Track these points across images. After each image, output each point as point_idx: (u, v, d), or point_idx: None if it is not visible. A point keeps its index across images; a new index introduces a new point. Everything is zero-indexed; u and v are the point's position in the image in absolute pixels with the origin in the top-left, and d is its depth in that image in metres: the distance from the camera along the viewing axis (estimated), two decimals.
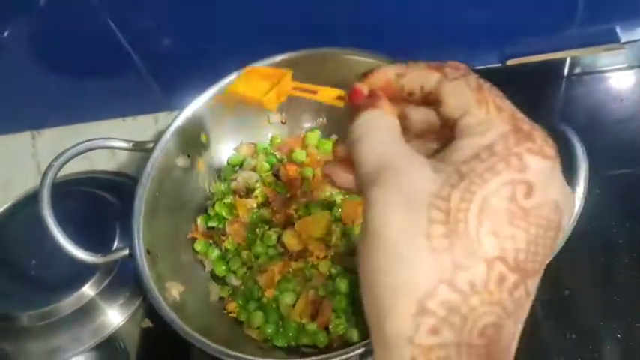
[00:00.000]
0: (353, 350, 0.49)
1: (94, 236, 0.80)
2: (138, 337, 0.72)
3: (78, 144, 0.63)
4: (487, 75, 0.29)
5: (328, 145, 0.71)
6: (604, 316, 0.62)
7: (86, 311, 0.76)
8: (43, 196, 0.59)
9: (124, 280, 0.78)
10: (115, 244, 0.78)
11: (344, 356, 0.49)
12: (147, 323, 0.71)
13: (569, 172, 0.49)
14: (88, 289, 0.76)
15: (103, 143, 0.65)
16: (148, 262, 0.58)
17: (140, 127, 1.03)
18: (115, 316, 0.77)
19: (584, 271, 0.65)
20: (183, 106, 1.00)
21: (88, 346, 0.76)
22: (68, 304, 0.74)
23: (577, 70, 0.85)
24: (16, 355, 0.75)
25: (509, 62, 0.87)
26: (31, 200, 0.92)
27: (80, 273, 0.75)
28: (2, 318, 0.74)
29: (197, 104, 0.67)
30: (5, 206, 0.92)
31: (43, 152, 1.02)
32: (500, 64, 0.87)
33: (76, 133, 1.02)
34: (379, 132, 0.29)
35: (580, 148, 0.51)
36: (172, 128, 0.65)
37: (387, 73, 0.31)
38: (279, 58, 0.66)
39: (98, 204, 0.84)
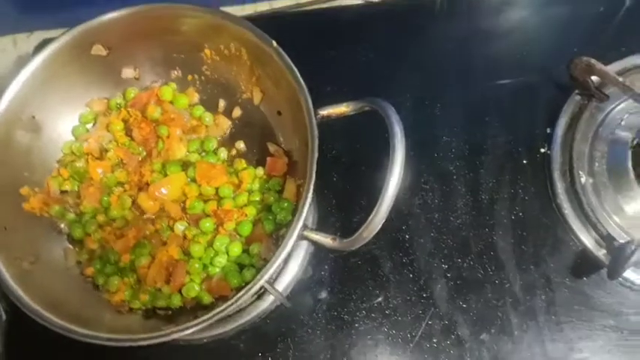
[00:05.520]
0: (209, 318, 0.52)
1: None
2: None
3: None
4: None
5: (184, 100, 0.70)
6: (437, 257, 0.69)
7: None
8: None
9: None
10: None
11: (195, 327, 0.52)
12: None
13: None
14: None
15: None
16: None
17: None
18: None
19: (423, 216, 0.71)
20: (42, 27, 0.94)
21: None
22: None
23: None
24: None
25: None
26: None
27: None
28: None
29: (38, 61, 0.63)
30: None
31: None
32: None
33: None
34: None
35: (398, 131, 0.51)
36: (10, 90, 0.61)
37: None
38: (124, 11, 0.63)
39: None
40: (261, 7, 0.93)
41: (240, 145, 0.69)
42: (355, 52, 0.80)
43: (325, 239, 0.53)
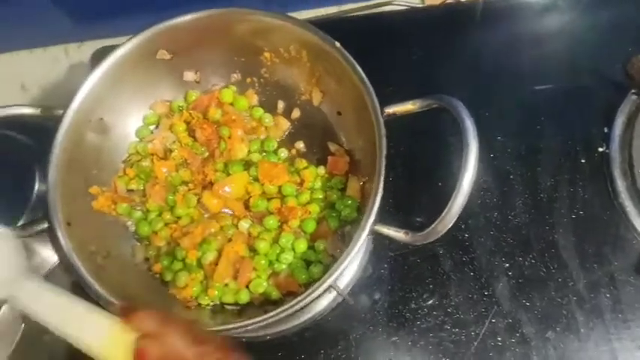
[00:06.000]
0: (282, 311, 0.53)
1: (9, 187, 0.78)
2: None
3: None
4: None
5: (244, 102, 0.71)
6: (497, 255, 0.69)
7: None
8: None
9: None
10: (36, 189, 0.77)
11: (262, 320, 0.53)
12: None
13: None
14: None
15: (7, 111, 0.62)
16: (68, 234, 0.58)
17: (50, 58, 0.99)
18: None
19: (482, 215, 0.71)
20: (92, 37, 0.97)
21: None
22: None
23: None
24: None
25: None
26: None
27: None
28: None
29: (106, 64, 0.64)
30: None
31: None
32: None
33: None
34: None
35: (470, 127, 0.51)
36: (81, 92, 0.63)
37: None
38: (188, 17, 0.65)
39: (11, 147, 0.80)
40: (305, 15, 0.95)
41: (300, 145, 0.70)
42: (405, 56, 0.81)
43: (397, 233, 0.53)
